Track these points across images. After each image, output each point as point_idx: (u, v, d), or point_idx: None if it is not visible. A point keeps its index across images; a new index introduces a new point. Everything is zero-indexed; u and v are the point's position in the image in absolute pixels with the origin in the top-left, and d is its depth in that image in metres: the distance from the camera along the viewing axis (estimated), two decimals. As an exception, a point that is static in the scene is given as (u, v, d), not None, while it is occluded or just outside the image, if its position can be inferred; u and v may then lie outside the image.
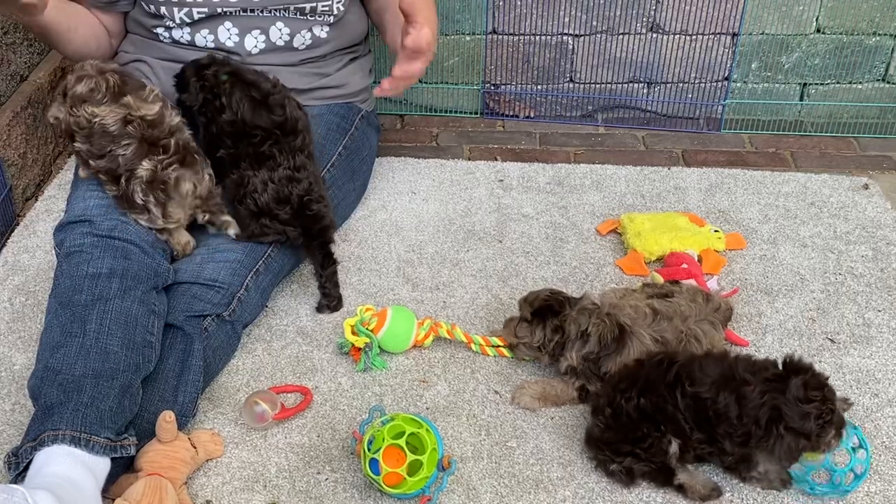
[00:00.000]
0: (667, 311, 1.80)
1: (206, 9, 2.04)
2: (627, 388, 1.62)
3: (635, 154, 2.66)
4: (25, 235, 2.25)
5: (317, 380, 1.86)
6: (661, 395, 1.59)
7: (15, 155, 2.29)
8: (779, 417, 1.51)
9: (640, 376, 1.63)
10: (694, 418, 1.57)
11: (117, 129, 1.80)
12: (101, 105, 1.81)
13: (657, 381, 1.60)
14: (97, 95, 1.81)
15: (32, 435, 1.54)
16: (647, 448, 1.60)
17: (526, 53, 2.74)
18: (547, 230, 2.30)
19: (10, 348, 1.93)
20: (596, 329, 1.75)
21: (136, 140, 1.80)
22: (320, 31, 2.15)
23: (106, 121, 1.80)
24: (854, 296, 2.09)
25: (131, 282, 1.73)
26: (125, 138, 1.80)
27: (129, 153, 1.80)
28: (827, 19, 2.66)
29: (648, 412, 1.59)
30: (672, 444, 1.60)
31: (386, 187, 2.44)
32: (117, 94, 1.83)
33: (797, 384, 1.51)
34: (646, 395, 1.60)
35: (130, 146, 1.80)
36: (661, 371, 1.61)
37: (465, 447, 1.72)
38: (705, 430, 1.58)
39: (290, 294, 2.08)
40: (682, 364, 1.61)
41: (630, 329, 1.75)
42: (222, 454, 1.70)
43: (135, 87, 1.87)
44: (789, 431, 1.50)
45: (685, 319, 1.79)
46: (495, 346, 1.90)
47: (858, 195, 2.44)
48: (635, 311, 1.79)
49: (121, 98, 1.82)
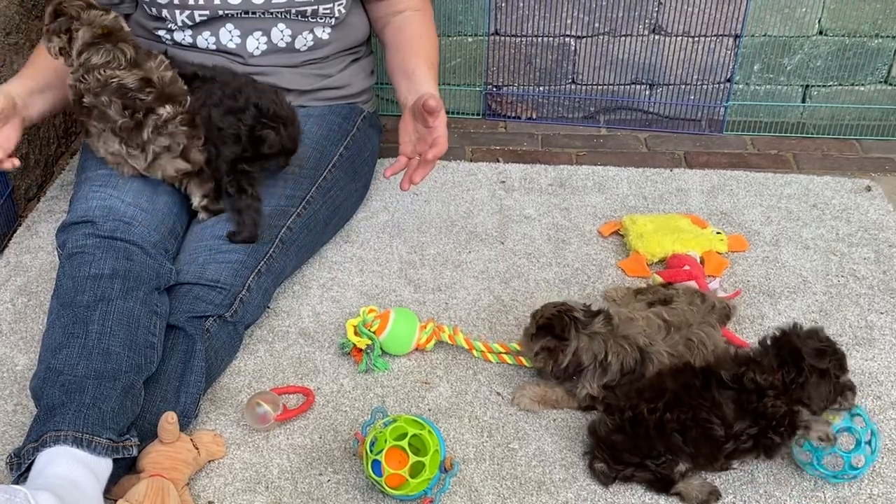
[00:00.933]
0: (676, 321, 1.79)
1: (207, 11, 2.04)
2: (653, 399, 1.61)
3: (637, 156, 2.66)
4: (27, 236, 2.25)
5: (319, 381, 1.86)
6: (692, 405, 1.58)
7: (17, 156, 2.28)
8: (799, 356, 1.57)
9: (669, 388, 1.62)
10: (737, 406, 1.58)
11: (136, 86, 1.84)
12: (119, 70, 1.85)
13: (688, 390, 1.60)
14: (114, 64, 1.85)
15: (34, 436, 1.54)
16: (659, 464, 1.60)
17: (528, 55, 2.74)
18: (549, 232, 2.30)
19: (11, 349, 1.92)
20: (617, 358, 1.72)
21: (157, 91, 1.85)
22: (322, 32, 2.15)
23: (125, 80, 1.84)
24: (856, 298, 2.09)
25: (133, 282, 1.73)
26: (147, 87, 1.85)
27: (150, 99, 1.84)
28: (829, 21, 2.66)
29: (666, 426, 1.58)
30: (680, 464, 1.60)
31: (388, 188, 2.44)
32: (133, 64, 1.87)
33: (804, 331, 1.63)
34: (672, 408, 1.59)
35: (152, 94, 1.84)
36: (687, 378, 1.62)
37: (468, 449, 1.72)
38: (750, 411, 1.57)
39: (293, 295, 2.08)
40: (703, 367, 1.66)
41: (648, 351, 1.73)
42: (224, 455, 1.70)
43: (145, 56, 1.91)
44: (813, 370, 1.57)
45: (690, 326, 1.79)
46: (497, 352, 1.89)
47: (861, 197, 2.44)
48: (648, 326, 1.78)
49: (137, 67, 1.87)
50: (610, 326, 1.75)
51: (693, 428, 1.57)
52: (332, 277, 2.13)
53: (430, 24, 2.24)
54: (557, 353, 1.74)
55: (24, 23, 2.34)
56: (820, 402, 1.58)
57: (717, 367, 1.63)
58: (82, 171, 2.00)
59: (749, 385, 1.58)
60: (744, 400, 1.58)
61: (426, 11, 2.24)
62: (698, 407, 1.58)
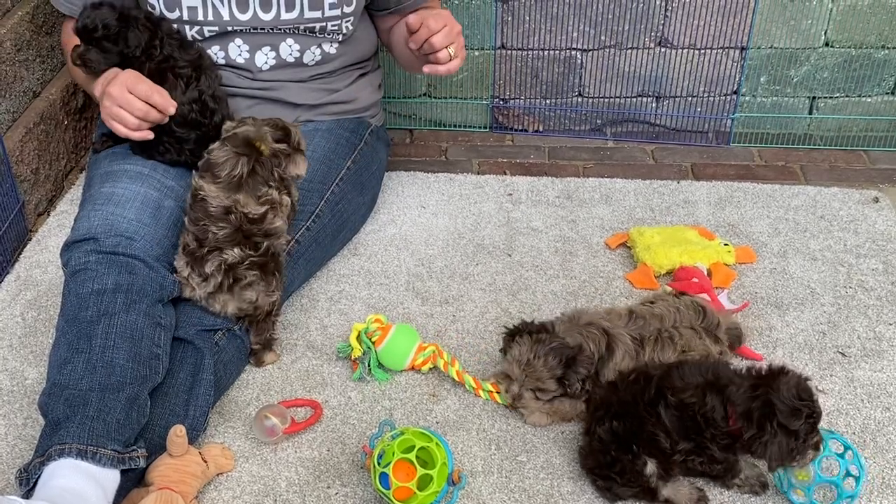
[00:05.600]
0: (642, 312, 1.82)
1: (216, 27, 2.06)
2: (603, 415, 1.62)
3: (644, 168, 2.67)
4: (37, 250, 2.26)
5: (326, 394, 1.87)
6: (639, 415, 1.57)
7: (27, 171, 2.31)
8: (772, 413, 1.48)
9: (615, 400, 1.63)
10: (680, 428, 1.54)
11: (217, 213, 1.79)
12: (213, 185, 1.79)
13: (635, 401, 1.59)
14: (220, 172, 1.79)
15: (41, 450, 1.55)
16: (618, 472, 1.59)
17: (534, 68, 2.75)
18: (556, 244, 2.30)
19: (21, 362, 1.93)
20: (594, 343, 1.74)
21: (232, 227, 1.79)
22: (330, 47, 2.16)
23: (209, 200, 1.79)
24: (865, 309, 2.09)
25: (136, 295, 1.74)
26: (222, 222, 1.79)
27: (222, 235, 1.79)
28: (835, 33, 2.66)
29: (620, 435, 1.59)
30: (648, 464, 1.59)
31: (395, 201, 2.45)
32: (235, 184, 1.79)
33: (788, 383, 1.50)
34: (619, 418, 1.59)
35: (225, 229, 1.79)
36: (639, 389, 1.60)
37: (476, 461, 1.72)
38: (692, 437, 1.55)
39: (300, 308, 2.09)
40: (661, 376, 1.59)
41: (612, 333, 1.76)
42: (233, 468, 1.71)
43: (254, 184, 1.81)
44: (781, 429, 1.48)
45: (662, 319, 1.80)
46: (487, 390, 1.85)
47: (868, 208, 2.43)
48: (608, 314, 1.81)
49: (236, 191, 1.79)
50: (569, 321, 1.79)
51: (640, 435, 1.57)
52: (339, 290, 2.14)
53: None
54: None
55: (34, 39, 2.36)
56: (778, 459, 1.50)
57: (671, 386, 1.57)
58: (86, 189, 2.02)
59: (691, 418, 1.54)
60: (686, 426, 1.54)
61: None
62: (644, 419, 1.57)
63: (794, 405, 1.47)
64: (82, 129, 2.60)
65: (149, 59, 1.95)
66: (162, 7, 2.03)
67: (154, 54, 1.95)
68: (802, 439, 1.49)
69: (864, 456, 1.72)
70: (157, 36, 1.96)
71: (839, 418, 1.81)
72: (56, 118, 2.44)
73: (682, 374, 1.58)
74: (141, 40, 1.94)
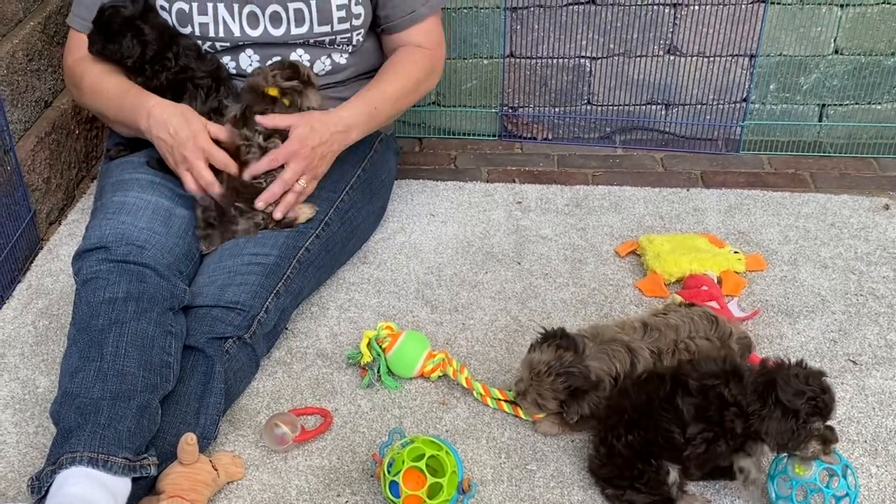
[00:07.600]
0: (656, 323, 1.80)
1: (228, 42, 2.08)
2: (616, 425, 1.62)
3: (654, 175, 2.67)
4: (49, 259, 2.27)
5: (337, 402, 1.87)
6: (653, 416, 1.57)
7: (39, 180, 2.32)
8: (773, 389, 1.51)
9: (628, 406, 1.62)
10: (700, 415, 1.55)
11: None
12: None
13: (649, 400, 1.59)
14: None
15: (52, 458, 1.55)
16: (645, 482, 1.59)
17: (543, 76, 2.75)
18: (565, 252, 2.30)
19: (33, 371, 1.94)
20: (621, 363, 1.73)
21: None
22: (340, 57, 2.17)
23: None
24: (876, 317, 2.08)
25: (147, 304, 1.74)
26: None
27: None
28: (845, 40, 2.66)
29: (637, 448, 1.58)
30: (671, 473, 1.58)
31: (405, 210, 2.45)
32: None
33: (798, 369, 1.54)
34: (633, 429, 1.59)
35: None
36: (653, 387, 1.60)
37: (485, 470, 1.72)
38: (715, 421, 1.54)
39: (310, 316, 2.09)
40: (674, 372, 1.61)
41: (632, 347, 1.75)
42: (243, 476, 1.71)
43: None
44: (779, 405, 1.49)
45: (677, 330, 1.79)
46: (496, 398, 1.85)
47: (879, 216, 2.43)
48: (622, 327, 1.80)
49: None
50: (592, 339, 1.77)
51: (657, 441, 1.57)
52: (349, 298, 2.14)
53: (420, 60, 2.20)
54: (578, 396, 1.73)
55: (46, 49, 2.38)
56: (778, 438, 1.51)
57: (687, 375, 1.58)
58: (98, 198, 2.03)
59: (714, 400, 1.55)
60: (705, 408, 1.55)
61: (427, 51, 2.22)
62: (660, 418, 1.57)
63: (798, 386, 1.51)
64: (93, 139, 2.61)
65: (164, 69, 1.97)
66: (175, 23, 2.05)
67: (168, 65, 1.97)
68: (802, 420, 1.50)
69: (876, 464, 1.71)
70: (169, 48, 1.98)
71: (850, 426, 1.80)
72: (67, 128, 2.46)
73: (697, 366, 1.61)
74: (134, 52, 1.96)
